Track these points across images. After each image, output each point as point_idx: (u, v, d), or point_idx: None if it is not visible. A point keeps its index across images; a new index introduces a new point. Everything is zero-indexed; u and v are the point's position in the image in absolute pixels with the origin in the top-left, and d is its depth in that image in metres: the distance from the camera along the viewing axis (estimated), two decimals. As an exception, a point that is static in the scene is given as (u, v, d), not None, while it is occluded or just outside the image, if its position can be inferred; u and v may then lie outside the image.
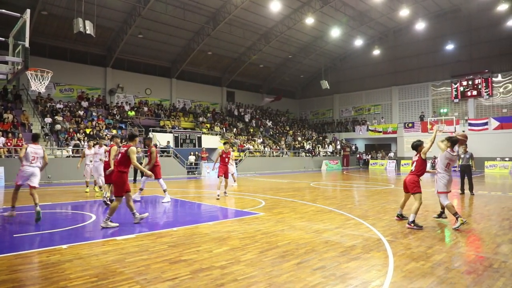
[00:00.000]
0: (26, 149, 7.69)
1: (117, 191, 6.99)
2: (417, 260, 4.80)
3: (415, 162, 7.27)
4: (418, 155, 7.23)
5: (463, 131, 28.77)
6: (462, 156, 12.55)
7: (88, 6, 21.05)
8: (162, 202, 10.37)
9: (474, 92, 31.24)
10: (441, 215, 7.80)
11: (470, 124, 29.72)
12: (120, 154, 7.16)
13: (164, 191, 10.52)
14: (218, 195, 11.18)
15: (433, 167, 29.04)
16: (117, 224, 6.97)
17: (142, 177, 17.63)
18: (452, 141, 7.25)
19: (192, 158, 24.14)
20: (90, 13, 20.88)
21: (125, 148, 7.07)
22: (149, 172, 7.84)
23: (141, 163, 17.51)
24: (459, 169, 12.79)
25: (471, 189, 12.36)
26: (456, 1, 29.75)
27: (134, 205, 7.32)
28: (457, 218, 6.76)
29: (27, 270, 4.40)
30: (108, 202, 9.63)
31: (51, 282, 3.98)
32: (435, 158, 29.95)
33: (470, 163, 12.50)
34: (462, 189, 12.57)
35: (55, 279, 4.07)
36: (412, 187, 7.06)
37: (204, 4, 26.03)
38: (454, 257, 4.99)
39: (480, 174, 23.62)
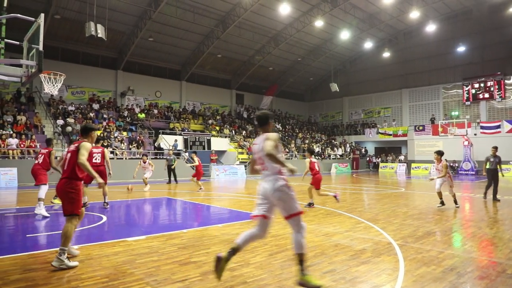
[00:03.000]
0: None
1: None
2: (428, 265, 4.75)
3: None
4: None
5: (475, 134, 28.61)
6: (491, 160, 11.62)
7: (100, 10, 21.32)
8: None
9: (486, 95, 30.84)
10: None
11: (482, 127, 29.34)
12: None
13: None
14: None
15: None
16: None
17: (175, 179, 17.82)
18: (441, 154, 10.10)
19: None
20: (101, 16, 21.15)
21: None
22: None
23: (172, 165, 17.78)
24: (485, 173, 11.79)
25: (495, 194, 11.47)
26: (468, 2, 29.45)
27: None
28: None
29: (39, 269, 4.45)
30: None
31: (62, 282, 4.03)
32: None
33: (498, 167, 11.52)
34: (486, 194, 11.75)
35: (66, 279, 4.12)
36: None
37: (214, 7, 26.19)
38: (466, 262, 4.92)
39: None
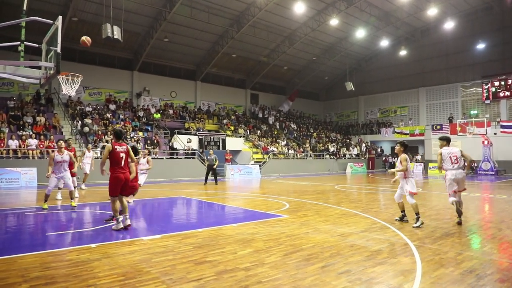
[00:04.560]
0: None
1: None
2: (446, 267, 4.66)
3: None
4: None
5: (495, 134, 27.92)
6: None
7: (116, 12, 21.60)
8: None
9: (507, 93, 30.04)
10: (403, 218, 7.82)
11: (502, 126, 28.59)
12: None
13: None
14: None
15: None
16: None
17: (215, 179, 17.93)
18: (405, 146, 7.72)
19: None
20: (117, 18, 21.43)
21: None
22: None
23: (213, 164, 17.82)
24: None
25: None
26: (487, -2, 28.79)
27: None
28: (418, 218, 7.21)
29: (58, 267, 4.55)
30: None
31: (80, 280, 4.10)
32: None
33: None
34: None
35: (84, 277, 4.19)
36: None
37: (228, 7, 26.26)
38: (485, 264, 4.81)
39: (513, 178, 22.67)
